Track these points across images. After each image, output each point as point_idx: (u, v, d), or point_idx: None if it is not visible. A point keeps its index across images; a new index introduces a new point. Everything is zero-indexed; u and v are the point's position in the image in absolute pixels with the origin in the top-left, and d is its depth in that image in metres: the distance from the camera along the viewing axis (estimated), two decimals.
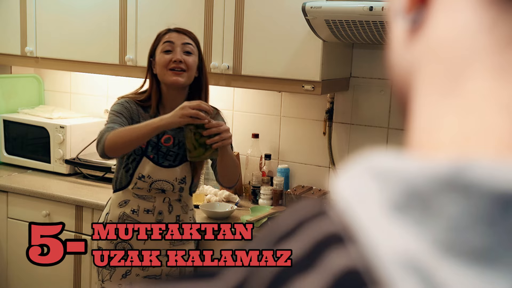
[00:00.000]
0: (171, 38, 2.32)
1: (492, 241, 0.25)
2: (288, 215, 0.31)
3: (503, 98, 0.29)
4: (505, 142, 0.28)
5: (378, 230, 0.27)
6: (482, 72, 0.30)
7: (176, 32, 2.34)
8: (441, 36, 0.32)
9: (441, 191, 0.26)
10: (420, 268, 0.25)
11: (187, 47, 2.31)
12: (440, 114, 0.31)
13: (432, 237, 0.26)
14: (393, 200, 0.27)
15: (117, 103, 2.36)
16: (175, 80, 2.27)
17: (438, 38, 0.33)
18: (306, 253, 0.28)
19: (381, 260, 0.26)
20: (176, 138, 2.35)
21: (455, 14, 0.32)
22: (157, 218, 2.34)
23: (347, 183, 0.30)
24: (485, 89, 0.30)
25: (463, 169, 0.26)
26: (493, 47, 0.30)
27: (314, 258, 0.28)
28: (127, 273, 2.36)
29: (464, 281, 0.25)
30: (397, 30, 0.36)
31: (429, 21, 0.33)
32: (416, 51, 0.34)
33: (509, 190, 0.25)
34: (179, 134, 2.35)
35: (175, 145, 2.36)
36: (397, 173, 0.28)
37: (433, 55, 0.33)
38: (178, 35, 2.33)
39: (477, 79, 0.30)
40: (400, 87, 0.37)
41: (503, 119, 0.29)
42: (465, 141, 0.29)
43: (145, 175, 2.32)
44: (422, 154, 0.31)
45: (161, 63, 2.30)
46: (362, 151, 0.31)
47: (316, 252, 0.28)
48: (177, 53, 2.29)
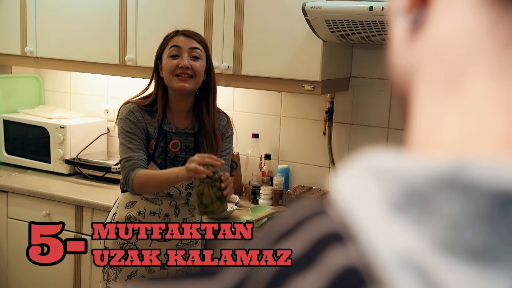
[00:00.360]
0: (178, 43, 2.26)
1: (491, 239, 0.25)
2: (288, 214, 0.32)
3: (503, 98, 0.29)
4: (505, 142, 0.28)
5: (377, 229, 0.27)
6: (482, 72, 0.30)
7: (183, 36, 2.28)
8: (441, 36, 0.32)
9: (440, 190, 0.26)
10: (419, 266, 0.25)
11: (194, 52, 2.26)
12: (440, 114, 0.31)
13: (431, 235, 0.26)
14: (392, 199, 0.28)
15: (123, 117, 2.28)
16: (181, 87, 2.22)
17: (438, 38, 0.33)
18: (305, 251, 0.28)
19: (380, 258, 0.26)
20: (184, 143, 2.32)
21: (455, 14, 0.32)
22: (163, 221, 2.33)
23: (346, 182, 0.30)
24: (485, 89, 0.30)
25: (462, 168, 0.26)
26: (493, 48, 0.30)
27: (313, 257, 0.28)
28: (133, 274, 2.34)
29: (464, 280, 0.25)
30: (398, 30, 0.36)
31: (429, 21, 0.33)
32: (416, 51, 0.34)
33: (508, 189, 0.25)
34: (186, 140, 2.32)
35: (182, 151, 2.32)
36: (396, 172, 0.28)
37: (433, 55, 0.33)
38: (186, 39, 2.27)
39: (476, 80, 0.30)
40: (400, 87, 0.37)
41: (502, 119, 0.29)
42: (465, 141, 0.29)
43: None
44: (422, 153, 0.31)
45: (167, 68, 2.24)
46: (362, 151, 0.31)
47: (316, 251, 0.28)
48: (184, 58, 2.23)
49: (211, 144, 2.28)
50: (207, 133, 2.28)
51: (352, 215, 0.28)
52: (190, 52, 2.25)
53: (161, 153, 2.30)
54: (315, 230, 0.29)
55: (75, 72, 3.56)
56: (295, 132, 3.18)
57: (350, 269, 0.26)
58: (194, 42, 2.27)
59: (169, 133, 2.31)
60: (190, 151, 2.31)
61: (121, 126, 2.28)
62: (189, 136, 2.32)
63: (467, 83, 0.30)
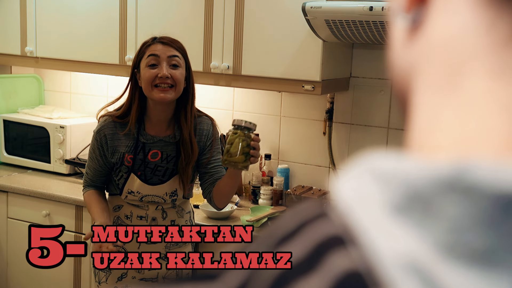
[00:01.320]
0: (156, 51, 2.17)
1: (493, 242, 0.25)
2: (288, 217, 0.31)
3: (502, 98, 0.29)
4: (505, 143, 0.28)
5: (379, 232, 0.27)
6: (480, 72, 0.30)
7: (161, 44, 2.19)
8: (440, 35, 0.32)
9: (442, 192, 0.26)
10: (422, 270, 0.25)
11: (173, 60, 2.17)
12: (439, 114, 0.31)
13: (433, 239, 0.26)
14: (394, 202, 0.27)
15: (94, 133, 2.30)
16: (162, 98, 2.14)
17: (436, 37, 0.32)
18: (307, 255, 0.28)
19: (383, 262, 0.26)
20: (164, 152, 2.25)
21: (454, 14, 0.32)
22: (151, 224, 2.29)
23: (348, 185, 0.30)
24: (484, 89, 0.30)
25: (464, 171, 0.26)
26: (491, 47, 0.30)
27: (315, 261, 0.28)
28: (123, 275, 2.32)
29: (466, 283, 0.25)
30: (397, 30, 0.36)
31: (428, 21, 0.33)
32: (415, 51, 0.34)
33: (511, 192, 0.25)
34: (167, 148, 2.25)
35: (164, 160, 2.26)
36: (397, 174, 0.28)
37: (432, 55, 0.33)
38: (163, 47, 2.18)
39: (475, 79, 0.30)
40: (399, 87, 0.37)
41: (502, 119, 0.28)
42: (465, 142, 0.29)
43: (134, 191, 2.26)
44: (423, 155, 0.31)
45: (146, 78, 2.15)
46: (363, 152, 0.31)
47: (318, 254, 0.28)
48: (163, 68, 2.14)
49: (188, 152, 2.23)
50: (184, 141, 2.22)
51: (353, 218, 0.28)
52: (169, 60, 2.16)
53: (140, 165, 2.25)
54: (316, 233, 0.29)
55: (75, 72, 3.56)
56: (295, 132, 3.18)
57: (353, 273, 0.26)
58: (172, 49, 2.19)
59: (147, 144, 2.24)
60: (172, 159, 2.25)
61: (92, 140, 2.32)
62: (170, 144, 2.25)
63: (466, 83, 0.30)
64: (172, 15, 2.99)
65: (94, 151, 2.29)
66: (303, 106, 3.14)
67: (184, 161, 2.23)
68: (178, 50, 2.21)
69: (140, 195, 2.27)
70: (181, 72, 2.18)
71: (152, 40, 2.22)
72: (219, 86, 3.05)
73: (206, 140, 2.29)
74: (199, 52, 2.92)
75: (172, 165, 2.26)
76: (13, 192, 3.18)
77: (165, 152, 2.25)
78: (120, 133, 2.24)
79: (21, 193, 3.14)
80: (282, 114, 3.20)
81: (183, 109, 2.23)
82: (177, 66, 2.18)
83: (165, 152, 2.25)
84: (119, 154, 2.25)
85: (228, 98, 3.30)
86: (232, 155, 2.05)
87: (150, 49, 2.19)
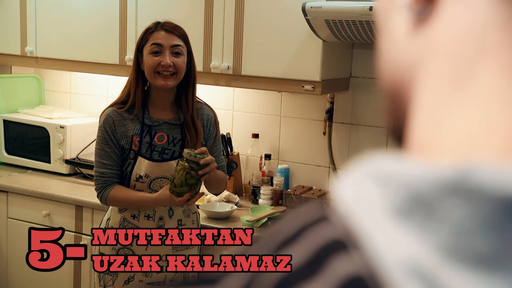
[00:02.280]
0: (159, 40, 2.23)
1: (497, 246, 0.25)
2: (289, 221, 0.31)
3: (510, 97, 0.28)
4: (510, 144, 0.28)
5: (381, 236, 0.27)
6: (492, 69, 0.29)
7: (164, 31, 2.25)
8: (449, 30, 0.31)
9: (445, 195, 0.26)
10: (425, 273, 0.25)
11: (176, 49, 2.24)
12: (444, 113, 0.30)
13: (436, 242, 0.26)
14: (396, 205, 0.27)
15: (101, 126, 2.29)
16: (164, 85, 2.22)
17: (445, 32, 0.31)
18: (309, 259, 0.28)
19: (386, 266, 0.26)
20: (170, 135, 2.30)
21: (468, 8, 0.31)
22: (158, 224, 2.29)
23: (349, 187, 0.29)
24: (494, 87, 0.29)
25: (467, 173, 0.26)
26: (506, 45, 0.29)
27: (317, 265, 0.27)
28: (130, 279, 2.31)
29: (469, 287, 0.24)
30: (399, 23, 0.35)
31: (436, 14, 0.32)
32: (420, 45, 0.33)
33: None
34: (173, 131, 2.31)
35: (170, 143, 2.30)
36: (399, 177, 0.27)
37: (439, 50, 0.32)
38: (167, 35, 2.24)
39: (486, 77, 0.29)
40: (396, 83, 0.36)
41: (508, 120, 0.28)
42: (469, 143, 0.29)
43: (143, 175, 2.27)
44: (425, 157, 0.30)
45: (149, 65, 2.22)
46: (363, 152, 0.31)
47: (320, 259, 0.27)
48: (166, 56, 2.21)
49: (192, 134, 2.29)
50: (187, 124, 2.29)
51: (355, 222, 0.28)
52: (172, 49, 2.24)
53: (147, 148, 2.28)
54: (318, 237, 0.28)
55: (75, 72, 3.55)
56: (295, 132, 3.18)
57: (356, 277, 0.26)
58: (175, 38, 2.25)
59: (153, 127, 2.29)
60: (178, 142, 2.30)
61: (98, 135, 2.30)
62: (176, 127, 2.30)
63: (475, 80, 0.30)
64: (172, 15, 2.98)
65: (106, 142, 2.28)
66: (303, 106, 3.14)
67: (190, 143, 2.29)
68: (181, 37, 2.28)
69: (149, 180, 2.28)
70: (183, 60, 2.26)
71: (155, 26, 2.27)
72: (219, 86, 3.05)
73: (208, 126, 2.37)
74: (199, 52, 2.92)
75: (179, 148, 2.31)
76: (13, 192, 3.17)
77: (171, 135, 2.31)
78: (126, 118, 2.28)
79: (21, 193, 3.14)
80: (282, 114, 3.20)
81: (184, 92, 2.30)
82: (179, 54, 2.26)
83: (171, 135, 2.31)
84: (127, 138, 2.28)
85: (228, 98, 3.30)
86: (176, 186, 2.13)
87: (153, 37, 2.25)
